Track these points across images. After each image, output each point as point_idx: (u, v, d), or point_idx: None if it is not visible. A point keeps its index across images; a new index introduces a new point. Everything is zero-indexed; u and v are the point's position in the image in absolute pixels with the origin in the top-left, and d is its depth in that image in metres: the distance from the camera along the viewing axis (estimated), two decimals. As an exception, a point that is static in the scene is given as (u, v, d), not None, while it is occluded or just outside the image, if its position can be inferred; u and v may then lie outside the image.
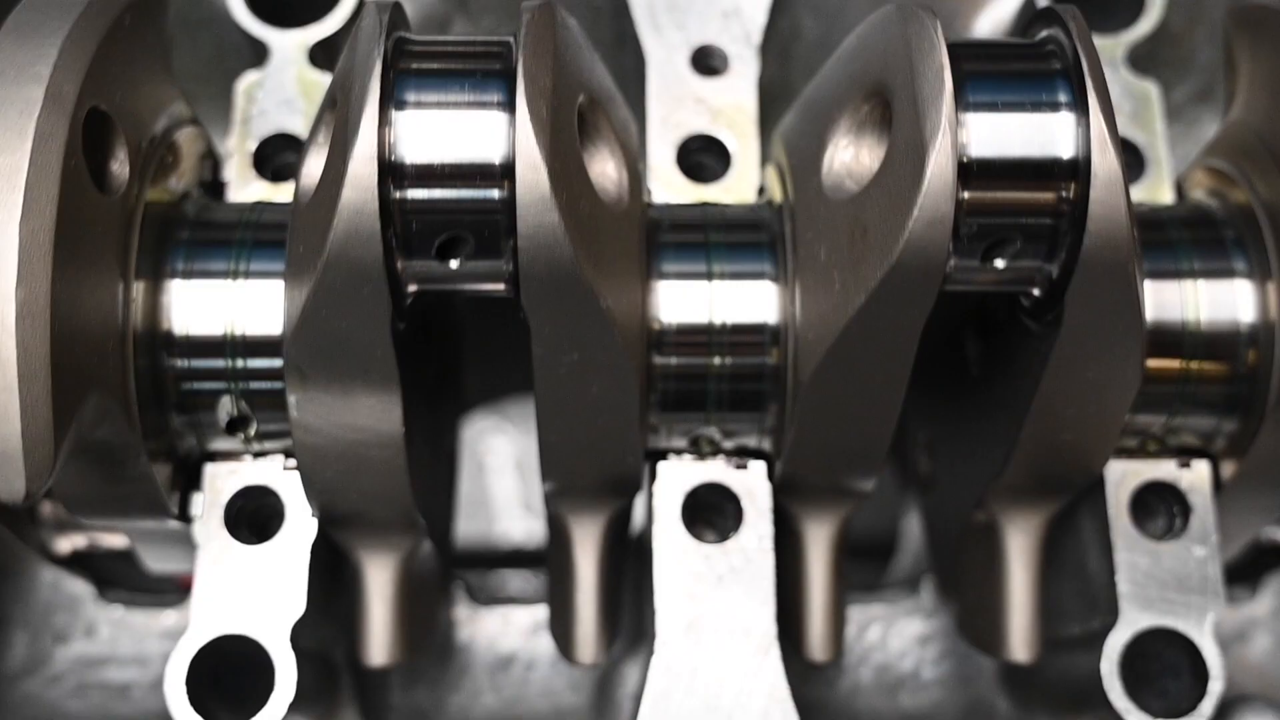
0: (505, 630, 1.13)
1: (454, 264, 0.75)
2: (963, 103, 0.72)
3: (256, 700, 0.86)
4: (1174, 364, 0.86)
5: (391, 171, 0.72)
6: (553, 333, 0.76)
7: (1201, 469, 0.91)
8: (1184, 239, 0.88)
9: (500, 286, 0.77)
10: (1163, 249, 0.87)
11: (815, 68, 1.13)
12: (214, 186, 0.97)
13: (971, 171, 0.72)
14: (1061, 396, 0.81)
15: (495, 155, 0.72)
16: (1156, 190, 0.98)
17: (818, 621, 0.91)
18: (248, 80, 1.00)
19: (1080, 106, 0.73)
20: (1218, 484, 0.91)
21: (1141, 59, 1.12)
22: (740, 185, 0.97)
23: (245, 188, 0.96)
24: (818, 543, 0.91)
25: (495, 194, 0.73)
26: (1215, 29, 1.18)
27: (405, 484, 0.84)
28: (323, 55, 1.02)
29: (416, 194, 0.73)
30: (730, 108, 0.99)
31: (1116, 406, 0.82)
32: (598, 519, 0.90)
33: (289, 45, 1.01)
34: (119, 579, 1.15)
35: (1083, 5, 1.04)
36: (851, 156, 0.78)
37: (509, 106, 0.72)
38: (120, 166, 0.79)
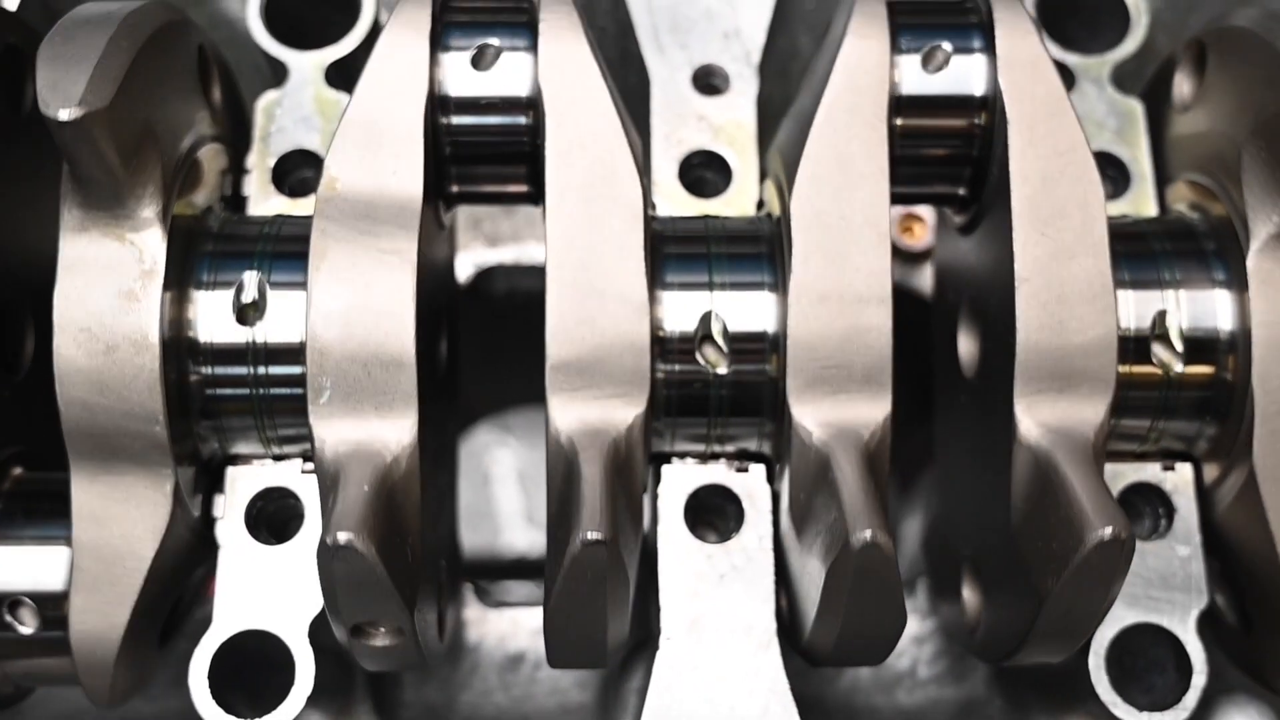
0: (514, 631, 1.16)
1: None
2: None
3: (275, 696, 0.90)
4: (1157, 370, 0.89)
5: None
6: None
7: (1185, 472, 0.95)
8: (1166, 250, 0.91)
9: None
10: (1145, 259, 0.91)
11: (813, 86, 1.17)
12: (235, 201, 1.00)
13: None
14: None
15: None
16: (1141, 204, 1.02)
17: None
18: (267, 99, 1.04)
19: None
20: (1201, 486, 0.94)
21: (1129, 77, 1.16)
22: (740, 199, 1.00)
23: (265, 202, 1.00)
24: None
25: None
26: None
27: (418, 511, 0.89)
28: (338, 75, 1.05)
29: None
30: (730, 125, 1.03)
31: None
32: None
33: (306, 66, 1.05)
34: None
35: (1071, 28, 1.09)
36: None
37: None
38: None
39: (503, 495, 1.65)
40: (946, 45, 0.87)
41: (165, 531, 0.85)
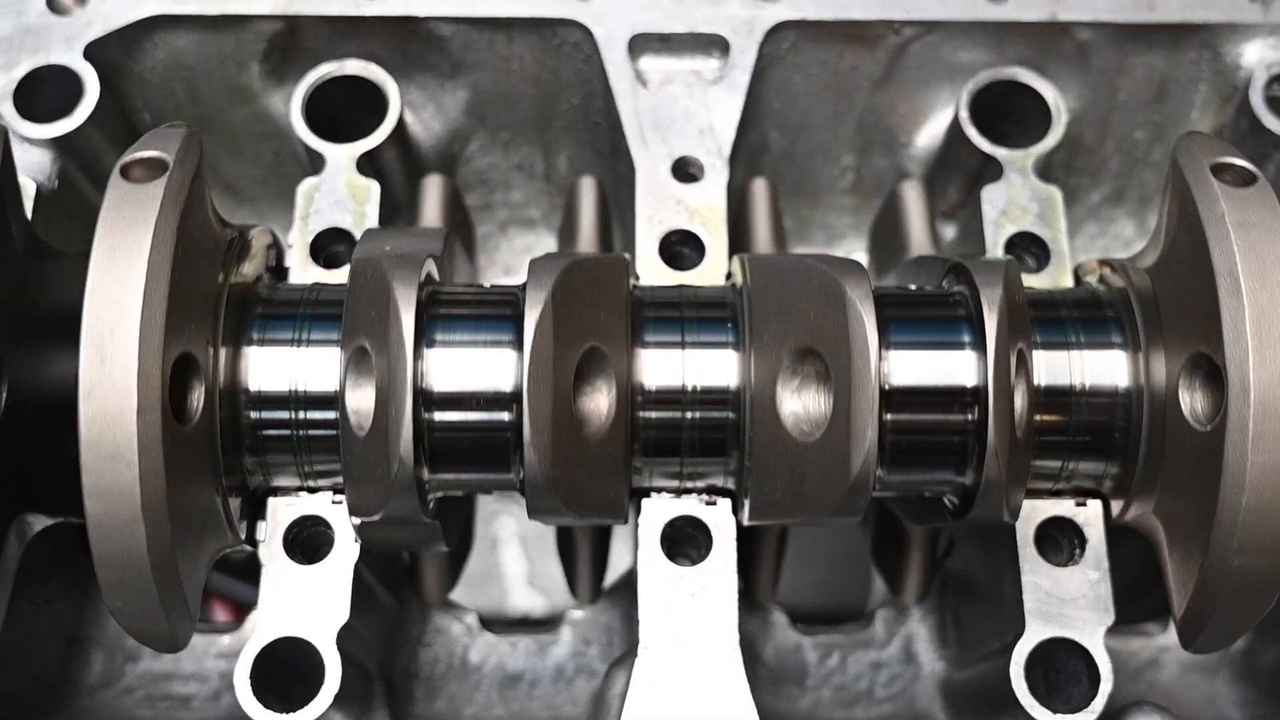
0: (513, 654, 1.27)
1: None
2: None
3: (303, 700, 1.02)
4: (1064, 419, 0.99)
5: (424, 401, 0.92)
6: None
7: (1095, 507, 1.04)
8: (1073, 317, 1.01)
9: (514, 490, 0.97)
10: (1055, 324, 1.01)
11: (781, 174, 1.33)
12: (278, 271, 1.11)
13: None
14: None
15: (508, 386, 0.93)
16: (1058, 276, 1.13)
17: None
18: (307, 184, 1.16)
19: (980, 347, 0.92)
20: (1108, 519, 1.05)
21: (1059, 167, 1.31)
22: (712, 271, 1.12)
23: (304, 271, 1.11)
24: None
25: (506, 417, 0.93)
26: (1123, 143, 1.34)
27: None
28: (368, 164, 1.19)
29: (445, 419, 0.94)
30: (704, 208, 1.14)
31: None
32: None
33: (340, 156, 1.17)
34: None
35: (1001, 123, 1.25)
36: (801, 407, 0.94)
37: (519, 346, 0.92)
38: (197, 398, 0.91)
39: (507, 559, 1.77)
40: None
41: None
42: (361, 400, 0.93)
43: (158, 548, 0.83)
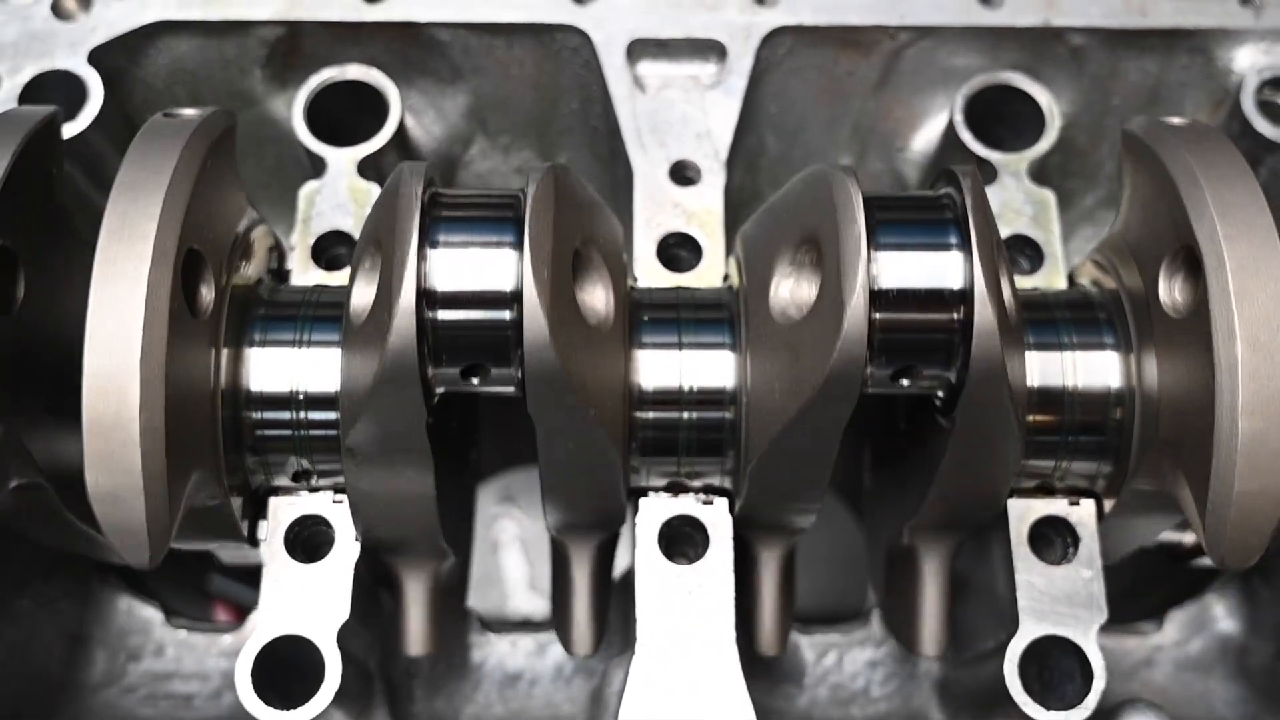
0: (513, 653, 1.29)
1: (475, 381, 0.92)
2: (874, 244, 0.88)
3: (304, 698, 1.02)
4: (1057, 419, 1.01)
5: (427, 299, 0.87)
6: (550, 430, 0.93)
7: (1088, 506, 1.05)
8: (1066, 318, 1.03)
9: (512, 389, 0.93)
10: (1048, 325, 1.03)
11: (778, 178, 1.34)
12: (280, 273, 1.13)
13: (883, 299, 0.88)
14: (960, 468, 0.98)
15: (507, 286, 0.88)
16: (1052, 278, 1.15)
17: (768, 623, 1.09)
18: (308, 188, 1.18)
19: (965, 248, 0.89)
20: (1101, 518, 1.05)
21: (1053, 171, 1.32)
22: (709, 273, 1.13)
23: (306, 274, 1.12)
24: (769, 563, 1.09)
25: (508, 316, 0.88)
26: (1116, 147, 1.36)
27: (436, 527, 1.02)
28: (368, 168, 1.20)
29: (447, 317, 0.88)
30: (702, 211, 1.16)
31: (1003, 475, 1.00)
32: (590, 544, 1.09)
33: (342, 160, 1.19)
34: (183, 608, 1.34)
35: (996, 127, 1.26)
36: (791, 290, 0.94)
37: (519, 247, 0.87)
38: (208, 290, 0.94)
39: (509, 563, 1.78)
40: None
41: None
42: (363, 295, 0.92)
43: (149, 412, 0.82)
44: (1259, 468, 0.84)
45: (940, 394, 0.95)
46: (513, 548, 1.82)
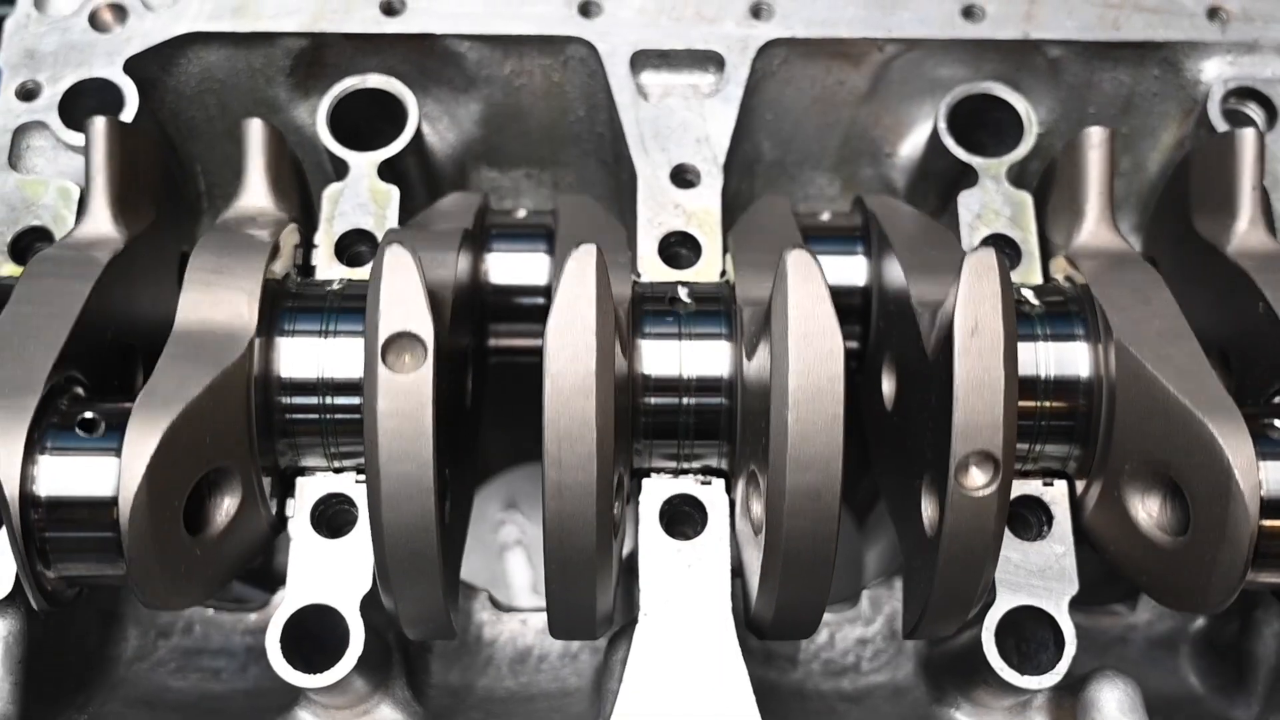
0: (523, 631, 1.33)
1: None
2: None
3: (327, 668, 1.06)
4: (1031, 405, 1.06)
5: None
6: None
7: (1061, 486, 1.11)
8: (1040, 312, 1.09)
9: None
10: (1025, 318, 1.09)
11: (773, 181, 1.41)
12: (305, 268, 1.20)
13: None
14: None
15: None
16: (1029, 274, 1.21)
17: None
18: (331, 189, 1.23)
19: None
20: (1073, 497, 1.12)
21: (1032, 175, 1.38)
22: (707, 270, 1.18)
23: (329, 270, 1.18)
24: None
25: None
26: None
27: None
28: (388, 171, 1.26)
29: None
30: (701, 212, 1.21)
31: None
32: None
33: (363, 163, 1.24)
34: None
35: (978, 133, 1.33)
36: None
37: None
38: None
39: (513, 567, 1.83)
40: None
41: (250, 525, 1.07)
42: None
43: None
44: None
45: None
46: (516, 551, 1.86)
